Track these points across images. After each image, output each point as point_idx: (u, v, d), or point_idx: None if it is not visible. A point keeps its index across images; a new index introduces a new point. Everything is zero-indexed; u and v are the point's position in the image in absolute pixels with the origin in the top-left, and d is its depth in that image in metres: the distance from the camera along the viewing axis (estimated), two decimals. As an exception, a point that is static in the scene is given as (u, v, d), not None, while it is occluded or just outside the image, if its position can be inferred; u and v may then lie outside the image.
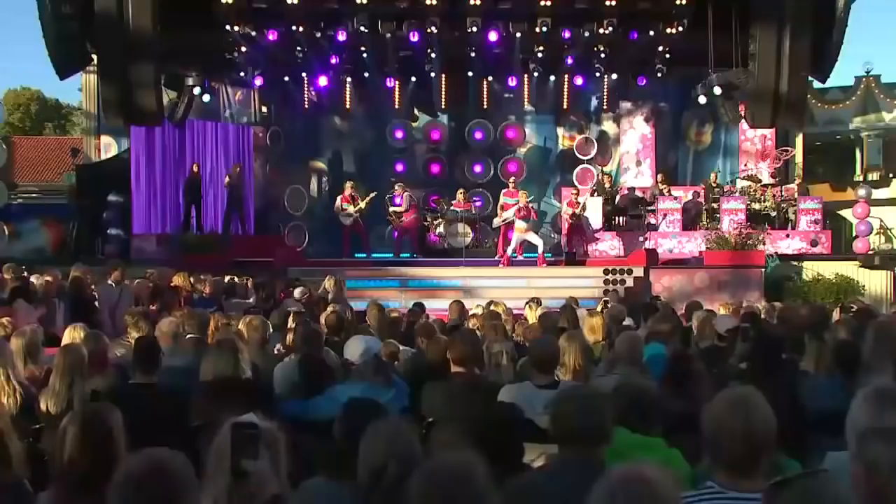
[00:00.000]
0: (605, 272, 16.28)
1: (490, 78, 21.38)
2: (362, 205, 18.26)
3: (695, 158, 22.02)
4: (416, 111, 22.61)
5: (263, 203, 21.47)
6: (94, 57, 16.25)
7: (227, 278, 11.89)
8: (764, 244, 16.16)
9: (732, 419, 2.70)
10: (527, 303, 10.63)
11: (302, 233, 21.42)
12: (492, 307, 9.34)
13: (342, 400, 4.83)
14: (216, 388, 4.69)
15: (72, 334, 5.99)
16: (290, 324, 7.70)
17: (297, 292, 11.65)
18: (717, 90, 16.64)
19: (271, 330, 6.84)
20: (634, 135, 21.79)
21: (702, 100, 17.68)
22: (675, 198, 18.87)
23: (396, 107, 21.55)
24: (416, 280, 16.19)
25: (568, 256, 17.51)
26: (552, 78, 21.19)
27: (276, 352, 6.62)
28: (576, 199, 18.07)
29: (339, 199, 18.40)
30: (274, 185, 21.85)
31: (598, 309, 9.67)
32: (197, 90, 17.63)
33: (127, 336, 6.97)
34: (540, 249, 17.30)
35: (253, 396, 4.70)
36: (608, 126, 22.56)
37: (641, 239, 18.59)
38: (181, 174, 19.37)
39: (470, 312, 9.71)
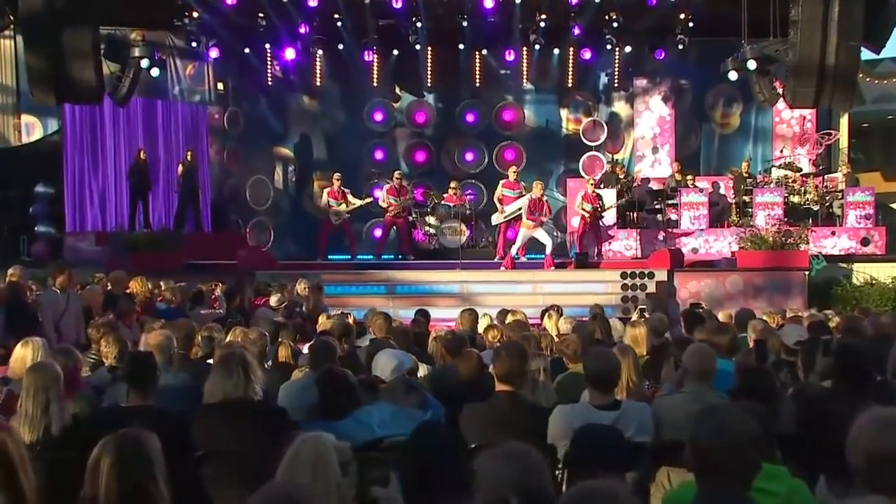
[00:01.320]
0: (623, 276, 16.26)
1: (484, 51, 21.39)
2: (358, 205, 18.17)
3: (721, 144, 22.17)
4: (398, 90, 22.56)
5: (220, 196, 21.34)
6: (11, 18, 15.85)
7: (212, 285, 11.76)
8: (807, 243, 16.25)
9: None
10: (545, 311, 10.64)
11: (266, 230, 21.32)
12: (509, 316, 9.30)
13: (372, 424, 4.82)
14: (225, 411, 4.59)
15: (25, 351, 5.84)
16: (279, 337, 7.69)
17: (273, 300, 11.56)
18: (752, 64, 16.69)
19: (269, 343, 6.71)
20: (650, 117, 21.87)
21: (732, 76, 17.72)
22: (700, 190, 18.96)
23: (375, 84, 21.51)
24: (406, 285, 16.14)
25: (579, 258, 17.51)
26: (556, 51, 21.26)
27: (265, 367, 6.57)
28: (593, 192, 18.08)
29: (325, 193, 18.29)
30: (233, 175, 21.70)
31: (634, 318, 9.66)
32: (144, 63, 17.39)
33: (91, 351, 6.83)
34: (548, 249, 17.30)
35: (269, 421, 4.64)
36: (620, 107, 22.65)
37: (661, 237, 18.69)
38: (124, 161, 19.13)
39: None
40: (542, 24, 19.47)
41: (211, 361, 6.66)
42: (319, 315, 12.43)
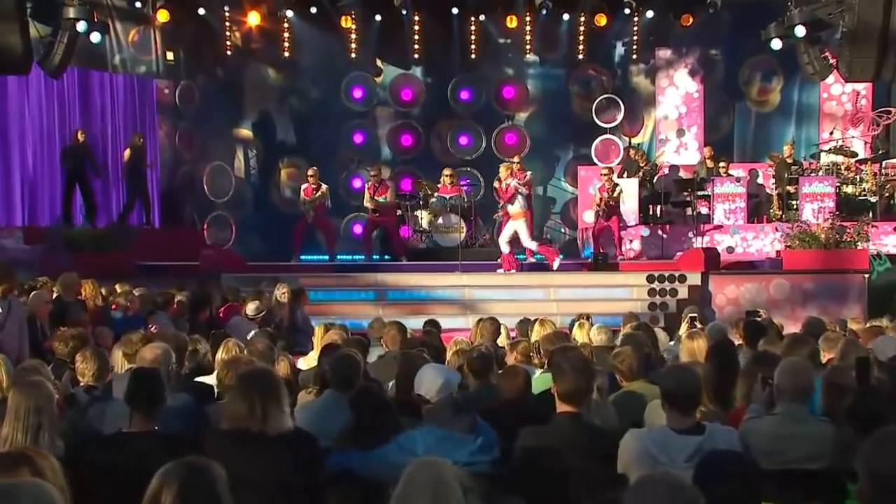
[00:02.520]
0: (650, 279, 16.32)
1: (482, 17, 21.43)
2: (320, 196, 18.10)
3: (758, 125, 22.30)
4: (380, 62, 22.59)
5: (173, 186, 21.25)
6: None
7: (200, 291, 11.74)
8: (866, 241, 16.31)
9: None
10: (575, 320, 10.66)
11: (226, 226, 21.28)
12: (537, 327, 9.30)
13: (417, 450, 4.79)
14: (244, 438, 4.53)
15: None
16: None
17: (250, 308, 11.51)
18: (800, 30, 16.71)
19: (278, 357, 6.69)
20: (675, 94, 21.93)
21: (775, 44, 17.76)
22: (737, 179, 19.03)
23: (354, 56, 21.50)
24: (398, 291, 16.21)
25: (598, 259, 17.51)
26: (565, 17, 21.33)
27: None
28: (608, 179, 18.10)
29: (302, 190, 18.23)
30: (186, 162, 21.60)
31: (684, 328, 9.66)
32: (81, 26, 17.12)
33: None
34: (526, 244, 17.47)
35: (296, 449, 4.60)
36: (640, 82, 22.74)
37: (691, 235, 18.74)
38: (58, 144, 18.96)
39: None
40: (550, -15, 19.48)
41: (201, 379, 6.64)
42: (299, 325, 12.52)
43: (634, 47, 21.90)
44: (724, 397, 6.54)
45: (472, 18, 21.36)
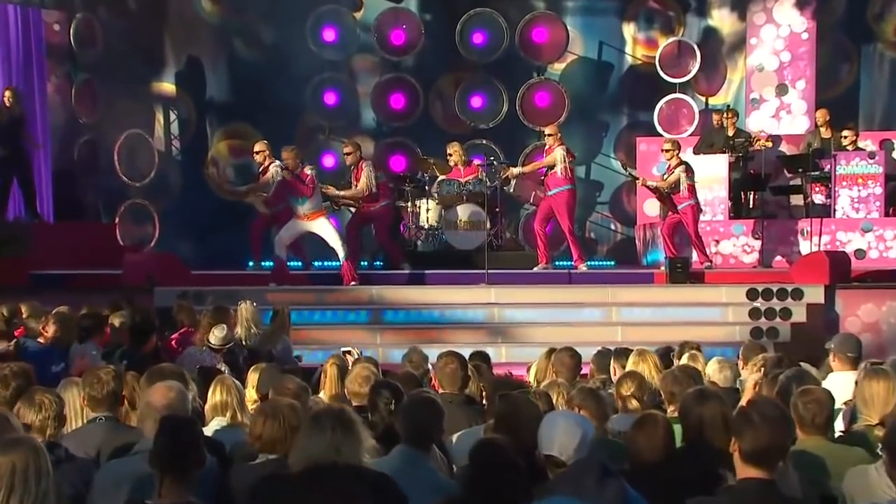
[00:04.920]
0: (752, 295, 16.33)
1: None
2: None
3: (894, 78, 22.37)
4: (361, -8, 22.65)
5: (69, 164, 21.23)
6: None
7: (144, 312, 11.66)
8: None
9: None
10: (679, 350, 10.79)
11: (146, 220, 21.34)
12: (632, 361, 9.34)
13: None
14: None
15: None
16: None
17: (214, 335, 11.40)
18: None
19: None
20: (773, 35, 21.94)
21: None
22: (869, 155, 19.01)
23: (325, -17, 21.64)
24: (400, 310, 16.28)
25: (675, 267, 17.45)
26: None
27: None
28: (674, 157, 18.00)
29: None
30: (88, 129, 21.54)
31: (863, 367, 9.64)
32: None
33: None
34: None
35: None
36: (723, 19, 22.91)
37: (805, 233, 18.71)
38: None
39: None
40: None
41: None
42: (277, 357, 12.45)
43: (716, -31, 22.09)
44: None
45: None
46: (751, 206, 19.86)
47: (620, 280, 17.64)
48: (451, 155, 19.13)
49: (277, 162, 16.99)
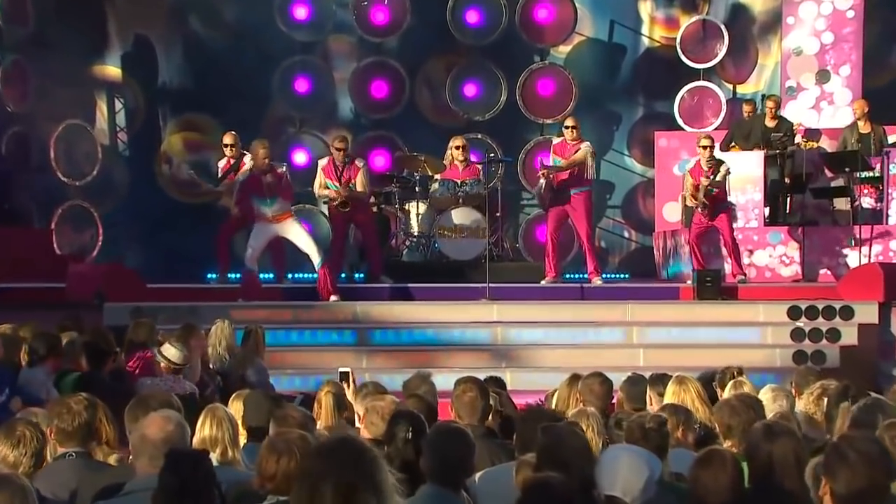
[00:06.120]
0: (794, 314, 16.33)
1: None
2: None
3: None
4: (338, -38, 22.65)
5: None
6: None
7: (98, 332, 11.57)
8: None
9: None
10: (721, 377, 10.76)
11: (88, 225, 21.27)
12: (672, 391, 9.30)
13: None
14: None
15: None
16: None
17: (170, 352, 11.36)
18: None
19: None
20: (814, 13, 21.98)
21: None
22: (928, 152, 19.06)
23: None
24: (389, 329, 16.37)
25: (704, 281, 17.47)
26: None
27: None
28: (710, 157, 18.02)
29: (219, 167, 18.24)
30: (18, 120, 21.32)
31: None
32: None
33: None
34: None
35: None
36: (753, -2, 22.91)
37: (849, 243, 18.71)
38: None
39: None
40: None
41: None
42: (251, 383, 12.42)
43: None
44: None
45: None
46: (789, 210, 19.81)
47: (641, 295, 17.71)
48: (457, 149, 19.08)
49: (250, 156, 17.00)
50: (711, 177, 17.84)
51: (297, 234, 16.93)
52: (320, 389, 9.42)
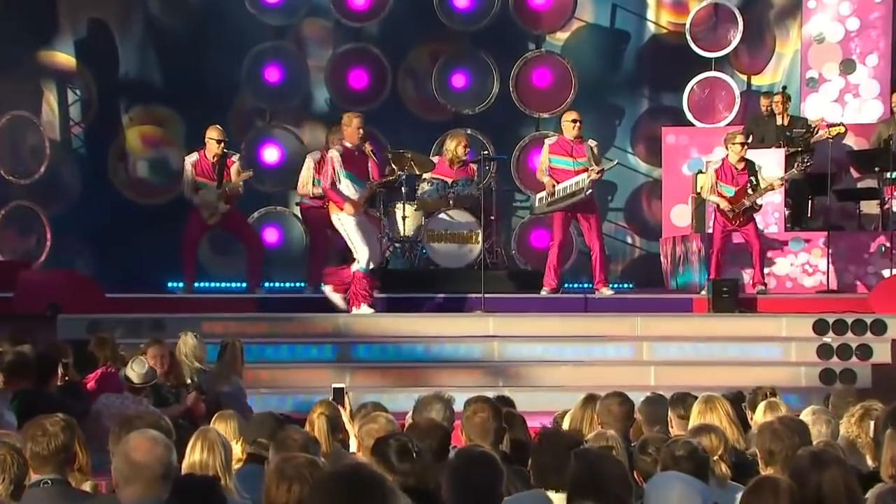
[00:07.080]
0: (821, 328, 16.39)
1: None
2: (238, 179, 17.98)
3: None
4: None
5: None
6: None
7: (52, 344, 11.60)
8: None
9: None
10: (752, 398, 10.86)
11: (34, 227, 21.34)
12: (711, 407, 9.33)
13: None
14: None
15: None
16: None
17: (133, 370, 11.44)
18: None
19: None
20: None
21: None
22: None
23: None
24: (374, 343, 16.38)
25: (721, 292, 17.53)
26: None
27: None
28: (739, 159, 18.07)
29: (189, 163, 18.19)
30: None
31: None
32: None
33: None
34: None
35: None
36: (771, -22, 23.02)
37: (879, 250, 18.78)
38: None
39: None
40: None
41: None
42: (225, 404, 12.47)
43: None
44: None
45: None
46: (814, 215, 19.88)
47: (650, 307, 17.84)
48: (458, 144, 19.15)
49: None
50: (758, 188, 17.89)
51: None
52: (312, 411, 9.45)
